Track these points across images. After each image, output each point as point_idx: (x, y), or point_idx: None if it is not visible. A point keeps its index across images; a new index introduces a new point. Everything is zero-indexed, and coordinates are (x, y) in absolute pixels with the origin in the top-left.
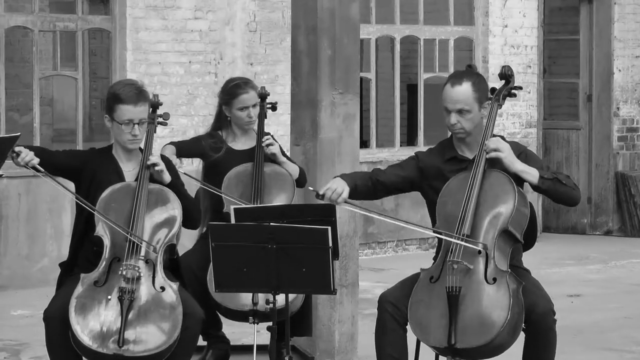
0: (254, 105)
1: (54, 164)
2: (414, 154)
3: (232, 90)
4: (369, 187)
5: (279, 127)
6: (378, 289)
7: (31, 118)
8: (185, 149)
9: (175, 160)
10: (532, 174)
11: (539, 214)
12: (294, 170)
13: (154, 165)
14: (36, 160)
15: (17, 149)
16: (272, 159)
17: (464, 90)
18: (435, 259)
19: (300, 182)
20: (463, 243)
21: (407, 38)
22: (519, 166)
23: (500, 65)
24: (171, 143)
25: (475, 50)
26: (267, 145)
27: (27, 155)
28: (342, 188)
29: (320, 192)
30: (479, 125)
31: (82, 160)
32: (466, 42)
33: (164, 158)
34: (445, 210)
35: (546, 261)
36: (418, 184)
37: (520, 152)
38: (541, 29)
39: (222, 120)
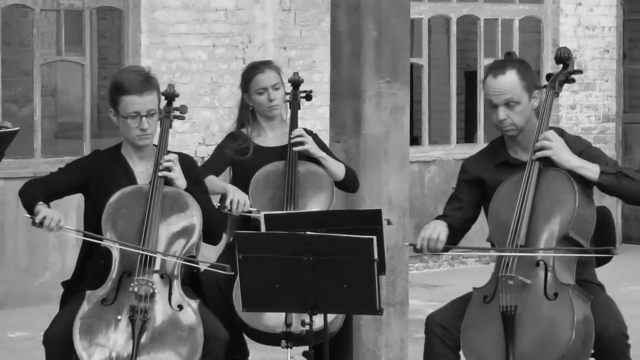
0: (274, 87)
1: (55, 191)
2: (460, 169)
3: (247, 73)
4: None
5: (316, 121)
6: (431, 308)
7: (31, 110)
8: (215, 168)
9: (237, 195)
10: (591, 169)
11: (618, 222)
12: (337, 169)
13: (167, 169)
14: (63, 222)
15: (38, 216)
16: (307, 155)
17: (509, 79)
18: None
19: (349, 183)
20: (518, 254)
21: (465, 18)
22: (574, 162)
23: (573, 50)
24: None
25: (544, 32)
26: (295, 144)
27: (52, 220)
28: (437, 232)
29: (417, 247)
30: (531, 120)
31: (85, 171)
32: (533, 23)
33: (185, 159)
34: (497, 218)
35: (627, 277)
36: (481, 198)
37: (582, 149)
38: (620, 7)
39: (245, 114)
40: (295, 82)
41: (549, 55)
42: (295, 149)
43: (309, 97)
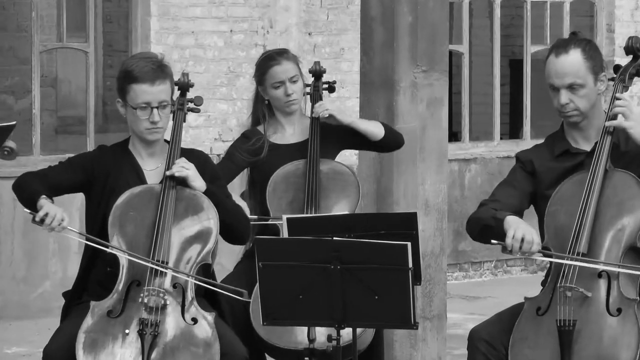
0: (292, 80)
1: (53, 187)
2: (515, 160)
3: (261, 64)
4: None
5: None
6: (472, 322)
7: (29, 102)
8: (231, 174)
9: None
10: None
11: None
12: (373, 127)
13: (177, 172)
14: (67, 222)
15: (40, 212)
16: (329, 122)
17: (573, 59)
18: (544, 284)
19: (391, 139)
20: (579, 264)
21: (510, 0)
22: None
23: (629, 36)
24: None
25: (598, 16)
26: (319, 113)
27: (55, 219)
28: (530, 234)
29: (508, 248)
30: (596, 106)
31: (88, 168)
32: (586, 6)
33: (199, 155)
34: (555, 222)
35: None
36: (533, 193)
37: None
38: None
39: (260, 108)
40: (317, 73)
41: (602, 41)
42: (321, 115)
43: (332, 88)
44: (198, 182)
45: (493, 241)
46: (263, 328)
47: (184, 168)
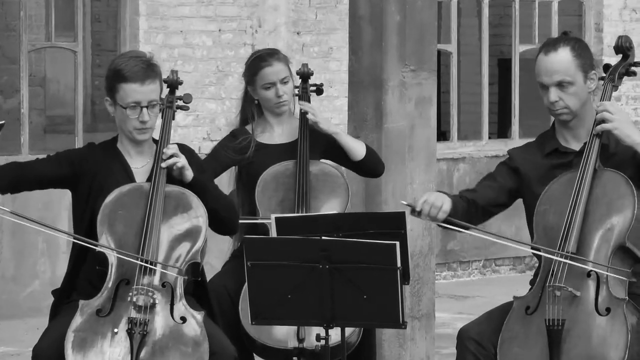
0: (282, 81)
1: (36, 178)
2: (506, 154)
3: (252, 64)
4: (465, 208)
5: (333, 114)
6: (460, 321)
7: (18, 102)
8: (214, 171)
9: None
10: None
11: None
12: (355, 145)
13: (171, 159)
14: None
15: None
16: (315, 128)
17: (562, 57)
18: (532, 283)
19: (371, 162)
20: (568, 261)
21: (499, 0)
22: (636, 138)
23: (619, 35)
24: None
25: (586, 16)
26: (306, 114)
27: None
28: (441, 201)
29: (417, 208)
30: (587, 105)
31: (75, 164)
32: (574, 5)
33: (185, 149)
34: (544, 221)
35: None
36: (518, 190)
37: None
38: None
39: (249, 108)
40: (305, 75)
41: (591, 41)
42: (306, 113)
43: (319, 91)
44: (189, 172)
45: (402, 202)
46: (252, 327)
47: (177, 157)
